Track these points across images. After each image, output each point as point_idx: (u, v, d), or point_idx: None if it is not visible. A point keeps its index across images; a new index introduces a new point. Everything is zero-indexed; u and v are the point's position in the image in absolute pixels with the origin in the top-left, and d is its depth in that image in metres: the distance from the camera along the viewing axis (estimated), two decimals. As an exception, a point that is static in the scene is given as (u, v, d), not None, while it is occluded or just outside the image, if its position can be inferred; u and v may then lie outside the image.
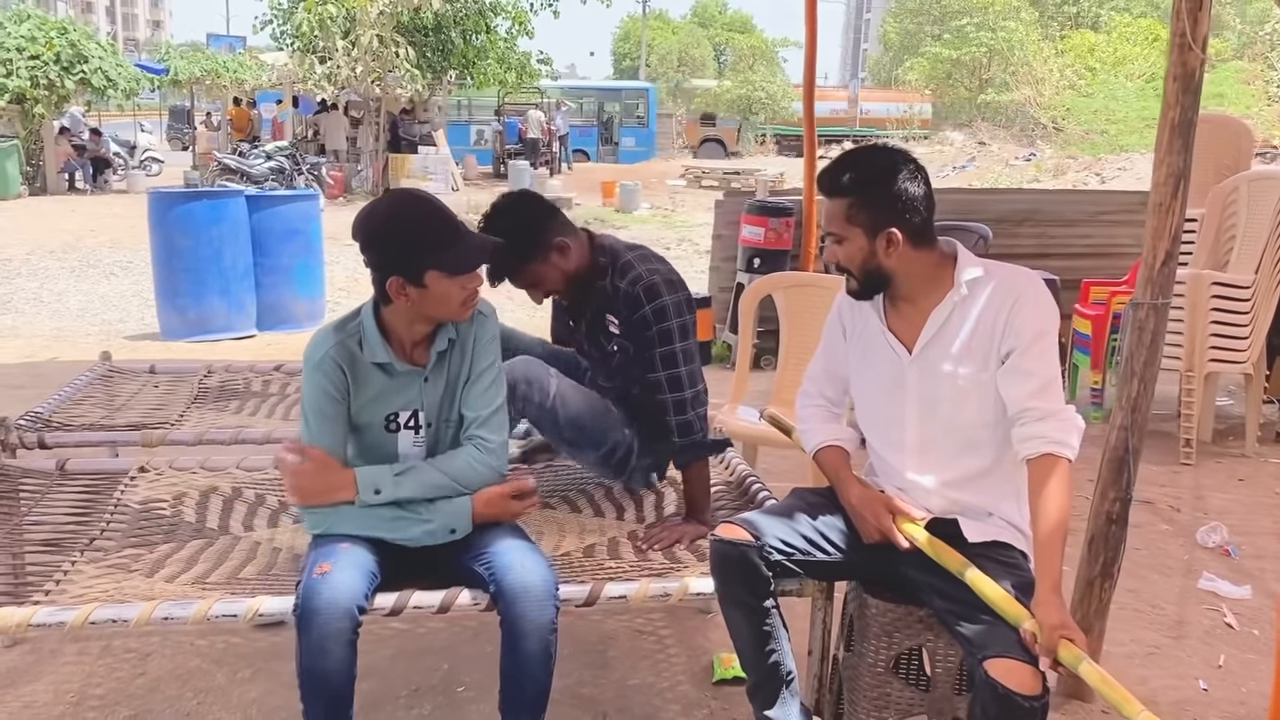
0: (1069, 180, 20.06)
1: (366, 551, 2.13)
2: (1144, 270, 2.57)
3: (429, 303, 2.16)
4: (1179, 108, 2.47)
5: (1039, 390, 2.01)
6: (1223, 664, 3.05)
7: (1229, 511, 4.27)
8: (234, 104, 23.84)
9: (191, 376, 3.84)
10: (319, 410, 2.17)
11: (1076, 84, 27.58)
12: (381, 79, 19.16)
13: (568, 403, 2.67)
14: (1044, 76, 28.78)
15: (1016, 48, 31.27)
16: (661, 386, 2.62)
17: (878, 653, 2.17)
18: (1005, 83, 31.04)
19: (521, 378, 2.62)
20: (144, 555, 2.40)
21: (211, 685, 2.76)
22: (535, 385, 2.64)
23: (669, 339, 2.61)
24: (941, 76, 34.81)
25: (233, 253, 7.08)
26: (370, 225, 2.15)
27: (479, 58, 22.43)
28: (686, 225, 15.98)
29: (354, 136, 20.73)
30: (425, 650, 2.95)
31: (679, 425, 2.63)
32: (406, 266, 2.12)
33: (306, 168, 17.36)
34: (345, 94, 20.18)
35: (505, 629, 2.12)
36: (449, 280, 2.14)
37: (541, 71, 25.50)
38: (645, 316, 2.60)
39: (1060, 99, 27.29)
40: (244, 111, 23.66)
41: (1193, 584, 3.59)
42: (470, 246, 2.18)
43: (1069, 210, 7.22)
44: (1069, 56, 29.44)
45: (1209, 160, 5.89)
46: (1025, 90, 29.09)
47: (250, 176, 16.07)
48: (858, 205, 2.08)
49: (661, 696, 2.78)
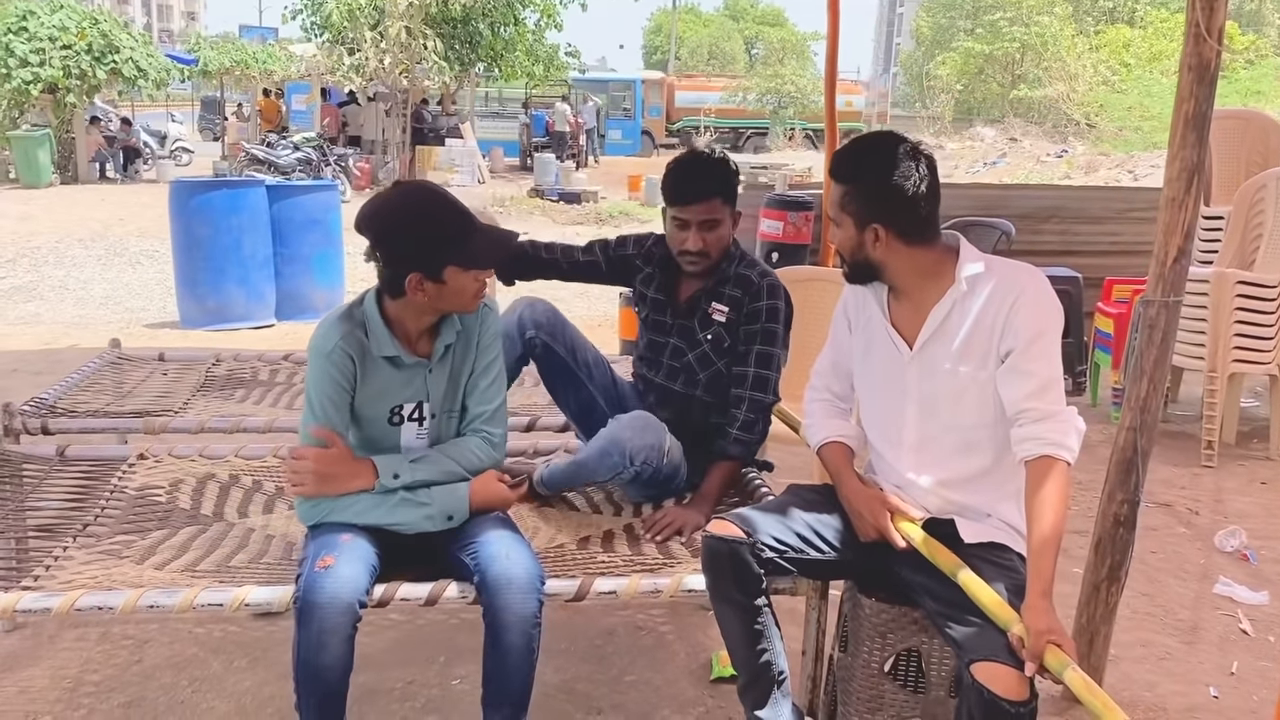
0: (1101, 178, 19.79)
1: (367, 542, 2.12)
2: (1155, 267, 2.51)
3: (445, 297, 2.15)
4: (1193, 100, 2.40)
5: (1038, 391, 1.96)
6: (1235, 671, 2.98)
7: (1249, 515, 4.18)
8: (263, 95, 24.00)
9: (200, 364, 3.84)
10: (329, 399, 2.15)
11: (1110, 80, 27.25)
12: (409, 70, 19.22)
13: (673, 457, 2.64)
14: (1077, 72, 28.44)
15: (1050, 43, 30.91)
16: (747, 381, 2.66)
17: (871, 654, 2.13)
18: (1038, 78, 30.71)
19: (642, 446, 2.54)
20: (136, 541, 2.39)
21: (207, 674, 2.76)
22: (655, 450, 2.56)
23: (773, 340, 2.68)
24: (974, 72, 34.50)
25: (252, 242, 7.11)
26: (386, 221, 2.13)
27: (507, 50, 22.49)
28: (711, 220, 15.88)
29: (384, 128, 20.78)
30: (423, 642, 2.93)
31: (745, 422, 2.65)
32: (427, 263, 2.10)
33: (334, 159, 17.43)
34: (374, 85, 20.25)
35: (488, 621, 2.11)
36: (466, 274, 2.13)
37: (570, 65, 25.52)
38: (761, 310, 2.67)
39: (1094, 95, 26.98)
40: (273, 103, 23.82)
41: (1208, 589, 3.52)
42: (487, 240, 2.17)
43: (1095, 207, 7.12)
44: (1103, 52, 29.08)
45: (1238, 157, 5.79)
46: (1058, 86, 28.76)
47: (278, 167, 16.18)
48: (851, 194, 2.07)
49: (658, 693, 2.74)
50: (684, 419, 2.72)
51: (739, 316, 2.68)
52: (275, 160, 16.45)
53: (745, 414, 2.65)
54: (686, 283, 2.77)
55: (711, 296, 2.71)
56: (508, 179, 22.70)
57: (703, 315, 2.72)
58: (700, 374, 2.74)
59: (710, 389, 2.73)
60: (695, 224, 2.62)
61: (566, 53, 25.05)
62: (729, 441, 2.65)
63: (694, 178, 2.65)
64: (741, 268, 2.71)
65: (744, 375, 2.67)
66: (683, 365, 2.76)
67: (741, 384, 2.67)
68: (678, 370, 2.77)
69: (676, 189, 2.65)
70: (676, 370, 2.77)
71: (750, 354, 2.67)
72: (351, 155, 18.63)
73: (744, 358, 2.68)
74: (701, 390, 2.73)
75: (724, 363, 2.71)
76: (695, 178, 2.65)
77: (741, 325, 2.68)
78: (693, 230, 2.63)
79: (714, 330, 2.71)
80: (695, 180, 2.65)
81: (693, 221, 2.62)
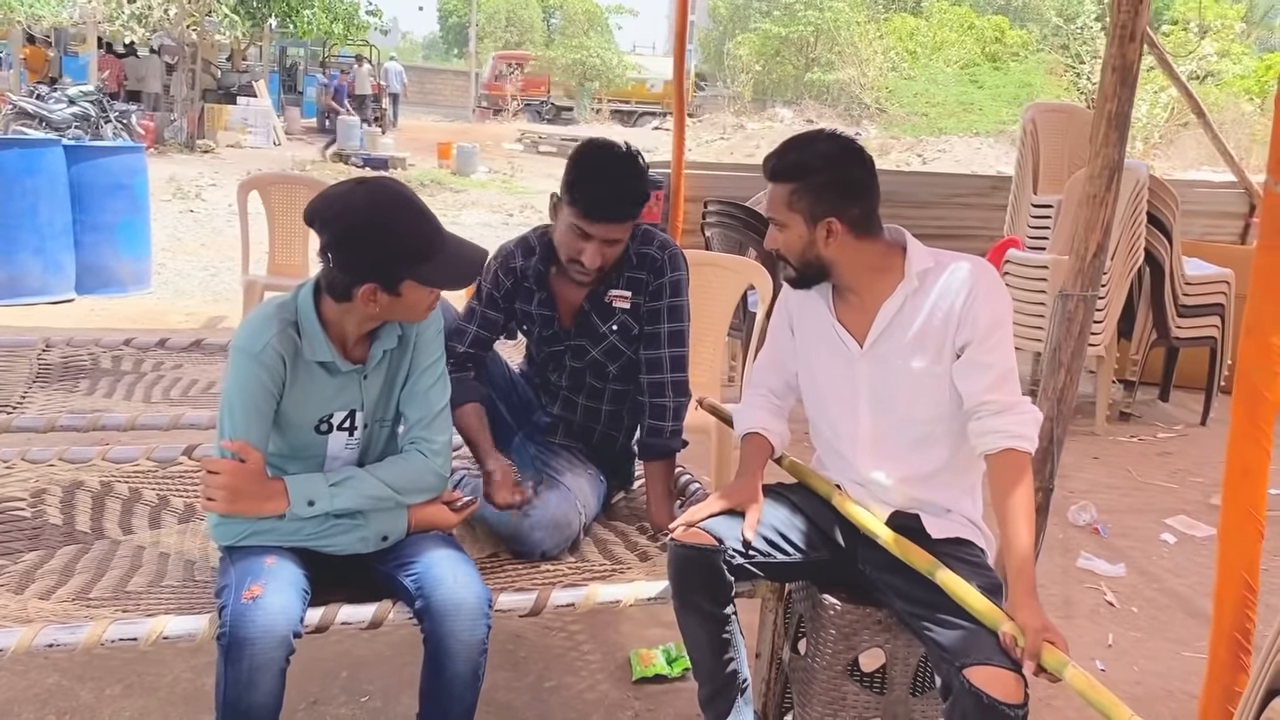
0: (893, 160, 20.78)
1: (294, 565, 1.91)
2: (1074, 261, 2.58)
3: (397, 310, 1.95)
4: (1116, 100, 2.47)
5: (996, 382, 1.97)
6: (1112, 644, 3.15)
7: (1091, 491, 4.45)
8: (28, 42, 21.82)
9: (27, 350, 3.40)
10: (254, 405, 1.91)
11: (899, 66, 28.58)
12: (199, 23, 17.96)
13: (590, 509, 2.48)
14: (868, 58, 29.67)
15: (843, 28, 32.09)
16: (664, 365, 2.47)
17: (835, 655, 2.09)
18: (830, 62, 31.85)
19: (556, 543, 2.36)
20: (8, 567, 2.07)
21: (76, 705, 2.44)
22: (568, 541, 2.39)
23: (679, 315, 2.49)
24: (770, 53, 35.42)
25: (49, 208, 6.40)
26: (348, 225, 1.88)
27: (302, 5, 21.36)
28: (528, 191, 15.68)
29: (168, 84, 19.35)
30: (318, 657, 2.69)
31: (675, 410, 2.48)
32: (385, 276, 1.89)
33: (115, 115, 16.02)
34: (158, 37, 18.79)
35: (431, 647, 1.95)
36: (424, 290, 1.93)
37: (370, 24, 24.55)
38: (664, 285, 2.46)
39: (884, 80, 28.23)
40: (40, 51, 21.67)
41: (1072, 563, 3.71)
42: (456, 258, 1.96)
43: (922, 192, 7.39)
44: (890, 39, 30.46)
45: (1062, 148, 6.14)
46: (850, 71, 29.93)
47: (50, 123, 14.67)
48: (800, 191, 2.01)
49: (581, 699, 2.63)
50: (589, 424, 2.60)
51: (643, 297, 2.47)
52: (47, 114, 14.92)
53: (674, 400, 2.49)
54: (571, 282, 2.48)
55: (608, 285, 2.47)
56: (306, 141, 21.63)
57: (601, 306, 2.49)
58: (610, 367, 2.54)
59: (622, 379, 2.57)
60: (600, 240, 2.33)
61: (367, 11, 24.07)
62: (666, 436, 2.49)
63: (618, 197, 2.30)
64: (639, 245, 2.46)
65: (659, 359, 2.47)
66: (587, 364, 2.54)
67: (659, 369, 2.48)
68: (581, 371, 2.56)
69: (594, 204, 2.29)
70: (580, 371, 2.56)
71: (660, 335, 2.47)
72: (135, 112, 17.20)
73: (653, 342, 2.48)
74: (612, 381, 2.56)
75: (633, 349, 2.51)
76: (619, 198, 2.30)
77: (646, 305, 2.47)
78: (594, 245, 2.32)
79: (618, 319, 2.49)
80: (616, 201, 2.30)
81: (598, 237, 2.32)
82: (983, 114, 24.13)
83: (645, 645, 2.85)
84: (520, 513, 2.30)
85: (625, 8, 48.83)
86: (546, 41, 41.53)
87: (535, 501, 2.32)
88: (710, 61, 41.95)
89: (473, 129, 27.00)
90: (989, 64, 27.43)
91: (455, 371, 2.38)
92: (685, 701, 2.62)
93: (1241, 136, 18.22)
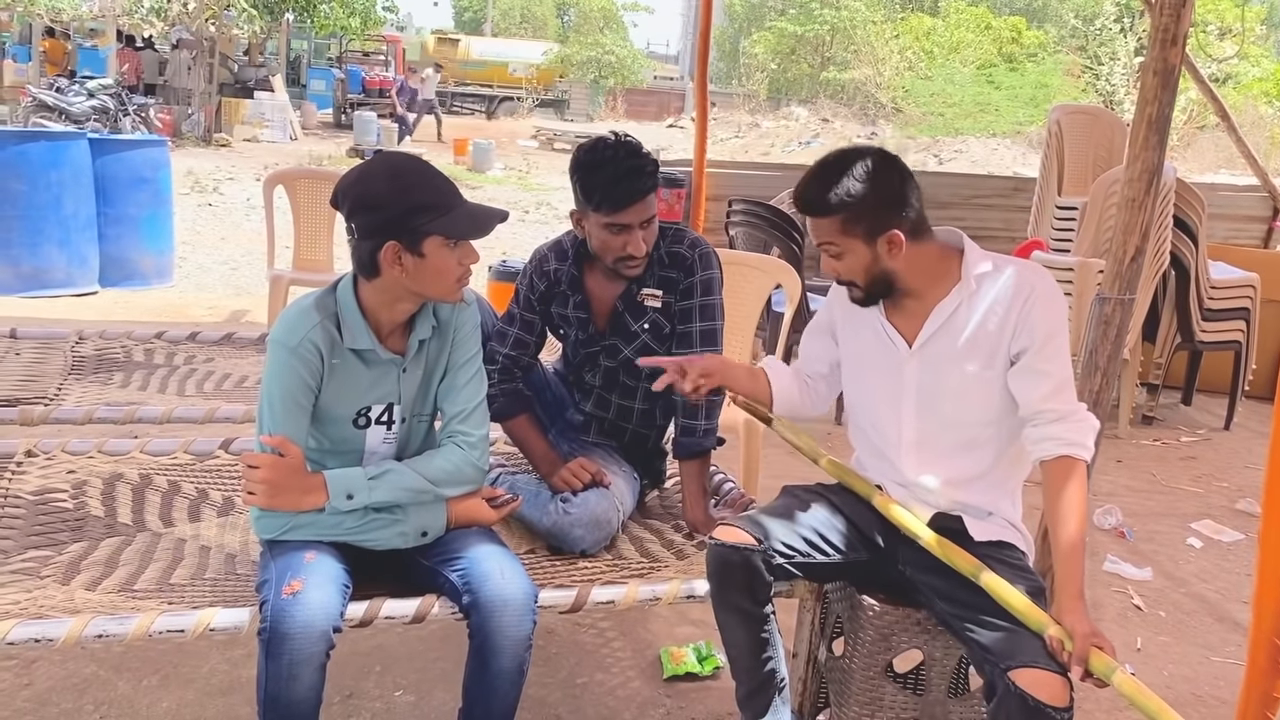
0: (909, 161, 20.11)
1: (334, 560, 1.91)
2: (1112, 265, 2.58)
3: (424, 276, 1.92)
4: (1157, 103, 2.47)
5: (1054, 391, 1.96)
6: (1140, 648, 3.15)
7: (1115, 494, 4.44)
8: (47, 35, 21.92)
9: (60, 343, 3.43)
10: (292, 399, 1.92)
11: (915, 66, 28.51)
12: (217, 16, 18.01)
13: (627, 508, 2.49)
14: (884, 57, 29.61)
15: (859, 27, 32.02)
16: None
17: (873, 655, 2.10)
18: (846, 61, 31.79)
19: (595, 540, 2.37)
20: (53, 558, 2.09)
21: (114, 695, 2.46)
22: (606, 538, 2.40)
23: (712, 314, 2.49)
24: (786, 51, 35.37)
25: (74, 201, 6.43)
26: (364, 184, 1.90)
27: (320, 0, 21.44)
28: (544, 188, 15.67)
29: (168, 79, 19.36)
30: (352, 651, 2.71)
31: (709, 407, 2.48)
32: (406, 230, 1.88)
33: (133, 108, 16.09)
34: (177, 31, 18.85)
35: (477, 643, 1.95)
36: (449, 251, 1.92)
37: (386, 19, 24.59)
38: (696, 284, 2.46)
39: (900, 80, 28.16)
40: (59, 44, 21.78)
41: (1098, 567, 3.70)
42: (473, 211, 1.96)
43: (943, 193, 7.36)
44: (907, 38, 30.38)
45: (1086, 151, 6.13)
46: (865, 70, 29.87)
47: (70, 115, 14.77)
48: (851, 219, 1.97)
49: (614, 695, 2.64)
50: (621, 423, 2.60)
51: (675, 296, 2.48)
52: (67, 107, 15.01)
53: (707, 399, 2.45)
54: (604, 282, 2.52)
55: (640, 283, 2.48)
56: (322, 136, 21.69)
57: (634, 309, 2.50)
58: (641, 365, 2.48)
59: (654, 378, 2.57)
60: (637, 225, 2.33)
61: (384, 7, 24.11)
62: (699, 435, 2.50)
63: (629, 176, 2.29)
64: (669, 244, 2.48)
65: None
66: (620, 363, 2.55)
67: None
68: (614, 370, 2.56)
69: (614, 194, 2.29)
70: (614, 370, 2.56)
71: (693, 334, 2.47)
72: (153, 105, 17.27)
73: (687, 339, 2.48)
74: (645, 380, 2.57)
75: (665, 349, 2.52)
76: (630, 176, 2.29)
77: (678, 304, 2.48)
78: (635, 232, 2.33)
79: (650, 318, 2.50)
80: (632, 179, 2.30)
81: (635, 224, 2.33)
82: (999, 115, 24.04)
83: (675, 643, 2.86)
84: (560, 510, 2.31)
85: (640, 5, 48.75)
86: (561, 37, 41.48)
87: (574, 500, 2.33)
88: (725, 59, 41.90)
89: (487, 125, 27.01)
90: (1006, 64, 27.33)
91: (503, 382, 2.45)
92: (716, 699, 2.63)
93: (1260, 139, 18.11)
